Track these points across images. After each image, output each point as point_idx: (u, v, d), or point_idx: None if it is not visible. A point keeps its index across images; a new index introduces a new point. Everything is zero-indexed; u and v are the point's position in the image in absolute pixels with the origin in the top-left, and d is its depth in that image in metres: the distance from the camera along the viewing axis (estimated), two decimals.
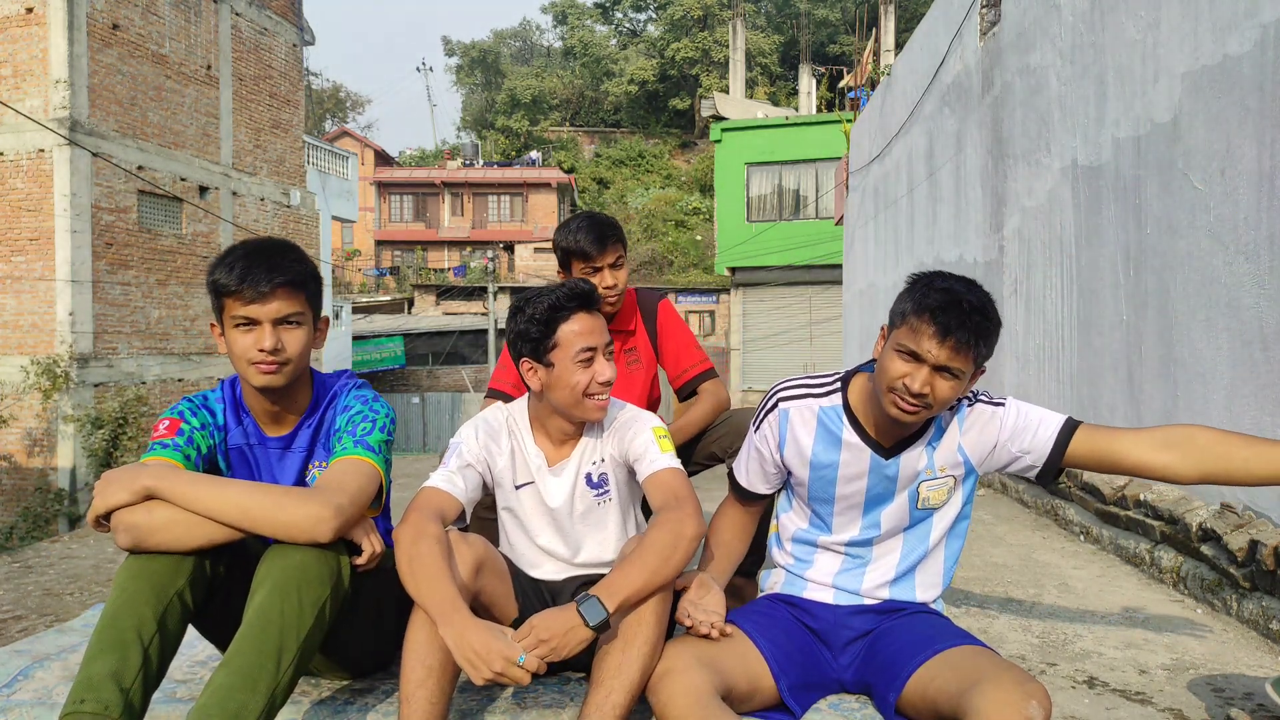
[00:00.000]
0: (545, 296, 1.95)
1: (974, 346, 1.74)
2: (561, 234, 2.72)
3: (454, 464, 1.96)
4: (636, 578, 1.71)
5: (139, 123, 13.36)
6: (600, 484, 2.05)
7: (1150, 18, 4.26)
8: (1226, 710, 2.45)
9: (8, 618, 4.58)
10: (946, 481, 1.92)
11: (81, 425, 11.99)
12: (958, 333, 1.72)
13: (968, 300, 1.75)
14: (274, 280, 1.83)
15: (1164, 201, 4.13)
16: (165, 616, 1.66)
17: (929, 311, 1.74)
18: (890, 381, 1.78)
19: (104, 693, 1.55)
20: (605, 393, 1.94)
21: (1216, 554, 3.39)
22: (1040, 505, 5.20)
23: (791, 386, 2.00)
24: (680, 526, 1.78)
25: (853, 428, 1.93)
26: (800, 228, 22.16)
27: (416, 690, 1.65)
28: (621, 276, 2.70)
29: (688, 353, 2.84)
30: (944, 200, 8.04)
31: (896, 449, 1.90)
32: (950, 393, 1.76)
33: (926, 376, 1.74)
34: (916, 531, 1.98)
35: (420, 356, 28.85)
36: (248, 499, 1.73)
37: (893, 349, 1.79)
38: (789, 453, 1.98)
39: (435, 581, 1.69)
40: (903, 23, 26.98)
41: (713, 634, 1.80)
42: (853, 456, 1.92)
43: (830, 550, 2.02)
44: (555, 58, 52.13)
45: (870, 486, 1.94)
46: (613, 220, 2.75)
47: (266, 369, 1.85)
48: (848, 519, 1.99)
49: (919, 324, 1.75)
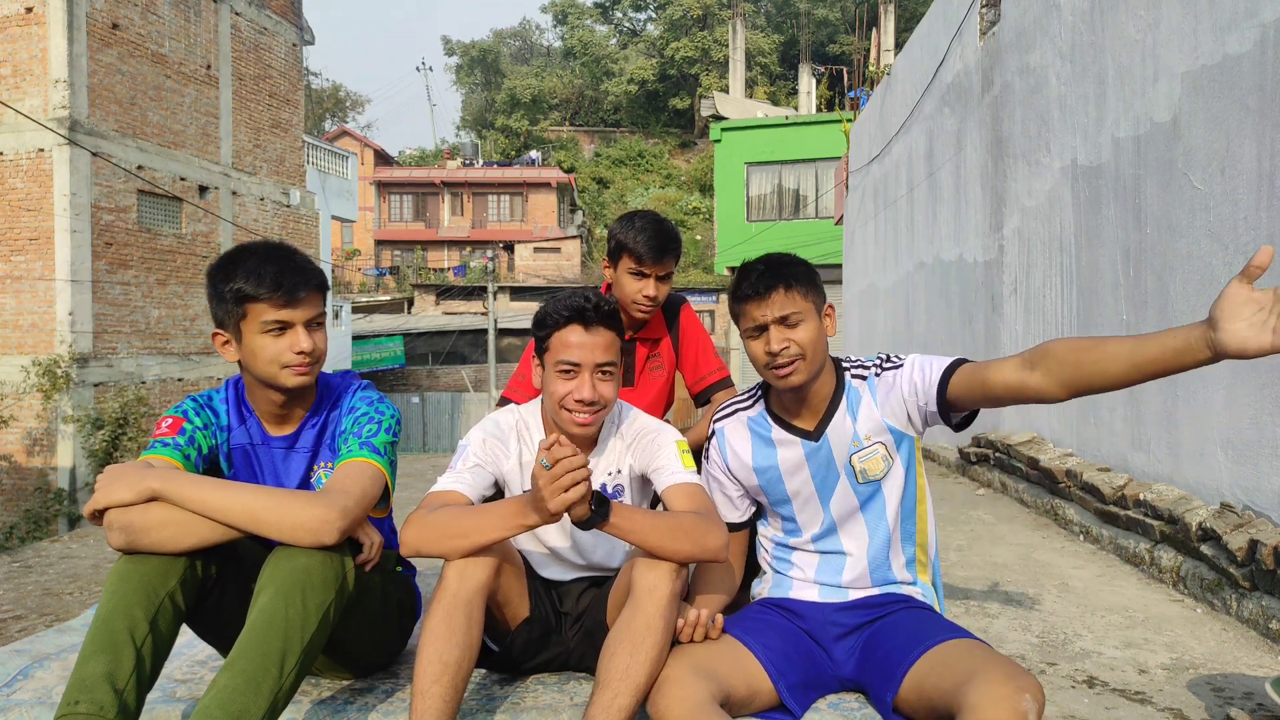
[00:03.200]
0: (556, 300, 1.96)
1: (791, 288, 1.90)
2: (623, 228, 2.64)
3: (461, 465, 1.97)
4: (645, 520, 1.75)
5: (139, 122, 13.36)
6: (615, 496, 2.04)
7: (1150, 18, 4.26)
8: (1226, 710, 2.45)
9: (8, 618, 4.58)
10: (876, 449, 1.98)
11: (81, 425, 11.99)
12: (763, 283, 1.90)
13: (760, 263, 1.96)
14: (310, 283, 1.87)
15: (1164, 201, 4.13)
16: (157, 618, 1.66)
17: (738, 289, 1.96)
18: (760, 360, 1.93)
19: (98, 693, 1.55)
20: (583, 411, 1.91)
21: (1216, 554, 3.39)
22: (1040, 505, 5.20)
23: (721, 409, 2.16)
24: (708, 531, 1.79)
25: (779, 425, 2.04)
26: (800, 228, 22.16)
27: (431, 686, 1.65)
28: (664, 290, 2.66)
29: (706, 360, 2.86)
30: (944, 200, 8.04)
31: (820, 429, 1.99)
32: (806, 334, 1.90)
33: (775, 334, 1.89)
34: (872, 510, 2.01)
35: (420, 356, 28.85)
36: (254, 502, 1.74)
37: (744, 338, 1.97)
38: (734, 466, 2.08)
39: (473, 515, 1.76)
40: (903, 23, 26.97)
41: (697, 633, 1.81)
42: (787, 451, 2.02)
43: (804, 550, 2.06)
44: (555, 57, 52.13)
45: (814, 473, 2.00)
46: (677, 234, 2.68)
47: (301, 370, 1.87)
48: (810, 514, 2.04)
49: (741, 306, 1.95)
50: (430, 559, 1.81)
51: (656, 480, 1.96)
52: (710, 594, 1.98)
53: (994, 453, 6.10)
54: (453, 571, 1.74)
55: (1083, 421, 5.07)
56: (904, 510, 2.02)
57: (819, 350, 1.92)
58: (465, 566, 1.74)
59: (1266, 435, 3.37)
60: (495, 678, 2.08)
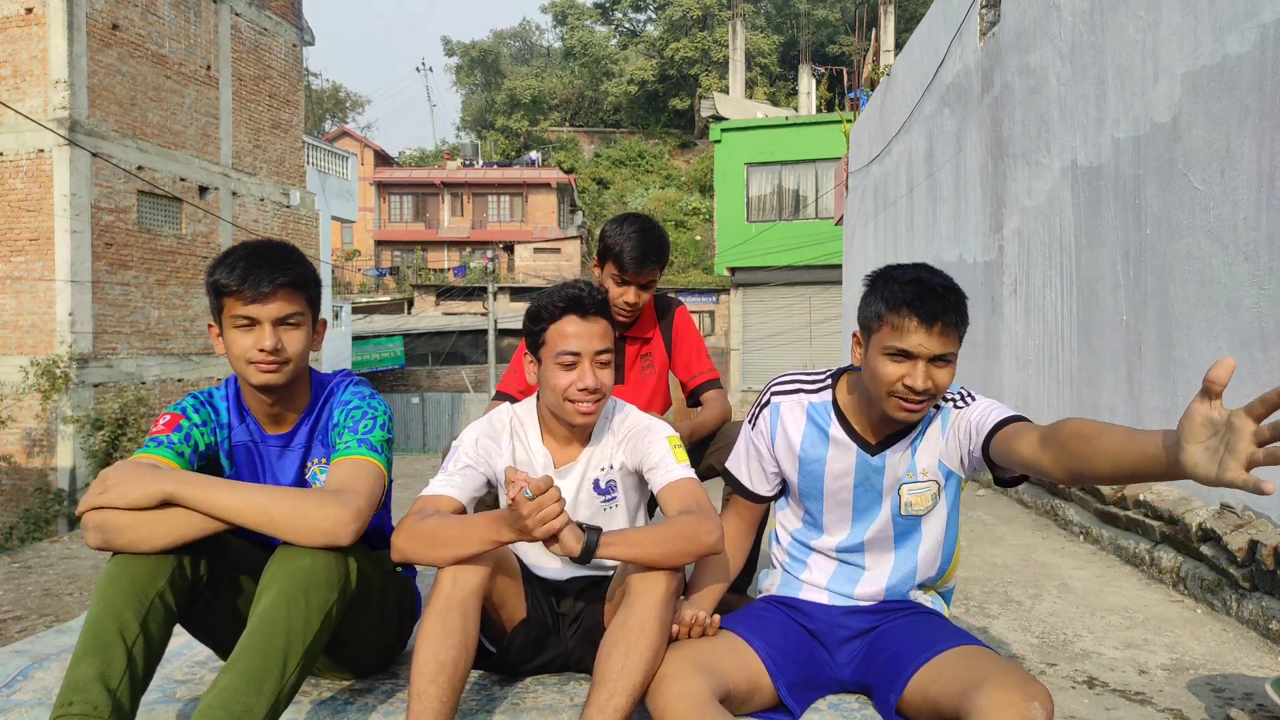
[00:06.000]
0: (548, 294, 1.97)
1: (958, 326, 1.75)
2: (612, 231, 2.68)
3: (452, 467, 1.96)
4: (638, 536, 1.75)
5: (139, 123, 13.36)
6: (608, 490, 2.04)
7: (1150, 18, 4.26)
8: (1226, 710, 2.45)
9: (8, 618, 4.58)
10: (930, 486, 1.91)
11: (81, 426, 11.98)
12: (944, 317, 1.72)
13: (938, 283, 1.75)
14: (275, 280, 1.84)
15: (1164, 201, 4.13)
16: (147, 618, 1.66)
17: (906, 305, 1.73)
18: (889, 387, 1.76)
19: (91, 694, 1.56)
20: (587, 400, 1.91)
21: (1216, 554, 3.39)
22: (1040, 505, 5.20)
23: (785, 381, 2.02)
24: (701, 529, 1.79)
25: (840, 424, 1.94)
26: (800, 228, 22.17)
27: (428, 687, 1.65)
28: (645, 298, 2.70)
29: (698, 360, 2.90)
30: (944, 200, 8.04)
31: (882, 446, 1.91)
32: (948, 378, 1.77)
33: (925, 371, 1.73)
34: (908, 543, 1.97)
35: (420, 357, 28.84)
36: (269, 502, 1.74)
37: (880, 354, 1.76)
38: (779, 446, 2.00)
39: (456, 527, 1.76)
40: (902, 23, 26.98)
41: (694, 633, 1.81)
42: (839, 452, 1.93)
43: (824, 555, 2.02)
44: (555, 58, 52.14)
45: (857, 484, 1.94)
46: (663, 244, 2.71)
47: (266, 368, 1.86)
48: (837, 518, 1.99)
49: (900, 320, 1.73)
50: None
51: (651, 479, 1.96)
52: (709, 585, 1.98)
53: None
54: (447, 574, 1.75)
55: None
56: (936, 548, 1.99)
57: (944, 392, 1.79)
58: (459, 570, 1.75)
59: None
60: (495, 678, 2.08)
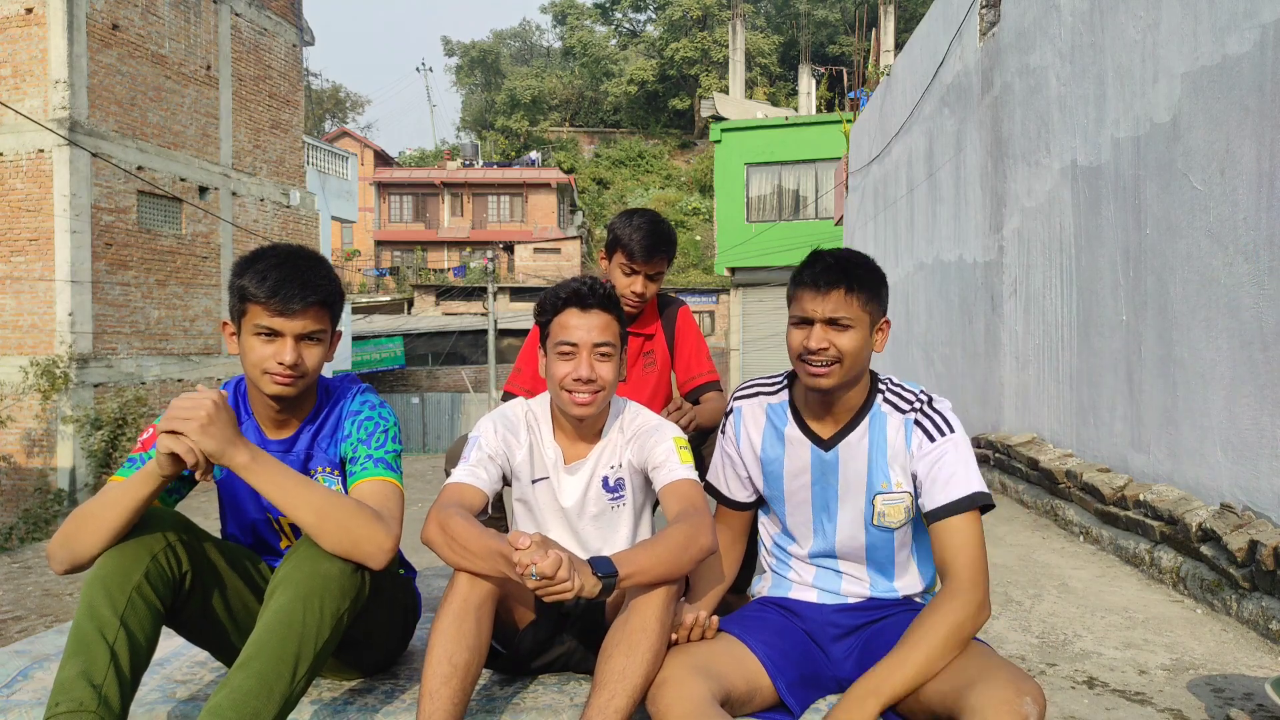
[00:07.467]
0: (555, 286, 2.03)
1: (852, 291, 1.83)
2: (621, 224, 2.76)
3: (474, 457, 2.00)
4: (647, 558, 1.74)
5: (139, 123, 13.35)
6: (616, 488, 2.07)
7: (1150, 18, 4.26)
8: (1226, 710, 2.45)
9: (8, 618, 4.58)
10: (904, 499, 1.91)
11: (81, 426, 11.98)
12: (833, 283, 1.83)
13: (831, 256, 1.89)
14: (307, 299, 1.83)
15: (1164, 202, 4.13)
16: (126, 614, 1.67)
17: (800, 275, 1.89)
18: (795, 351, 1.88)
19: (76, 692, 1.56)
20: (583, 391, 1.95)
21: (1216, 554, 3.39)
22: (1040, 505, 5.20)
23: (746, 386, 2.10)
24: (696, 534, 1.81)
25: (795, 422, 1.99)
26: (800, 228, 22.16)
27: (441, 687, 1.66)
28: (652, 289, 2.77)
29: (698, 361, 2.94)
30: (944, 200, 8.04)
31: (835, 439, 1.94)
32: (850, 342, 1.83)
33: (820, 333, 1.83)
34: (879, 553, 1.97)
35: (420, 357, 28.84)
36: (325, 505, 1.74)
37: (790, 327, 1.91)
38: (744, 449, 2.05)
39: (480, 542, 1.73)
40: (902, 23, 26.99)
41: (694, 634, 1.82)
42: (795, 450, 1.98)
43: (801, 561, 2.05)
44: (555, 58, 52.14)
45: (814, 481, 1.96)
46: (672, 236, 2.77)
47: (281, 381, 1.85)
48: (799, 521, 2.01)
49: (797, 291, 1.89)
50: (432, 555, 1.82)
51: (655, 478, 1.99)
52: (706, 588, 2.00)
53: (994, 453, 6.10)
54: (464, 577, 1.76)
55: (1082, 422, 5.07)
56: (910, 556, 2.00)
57: (859, 361, 1.86)
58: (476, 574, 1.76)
59: (1266, 436, 3.37)
60: (496, 678, 2.08)
